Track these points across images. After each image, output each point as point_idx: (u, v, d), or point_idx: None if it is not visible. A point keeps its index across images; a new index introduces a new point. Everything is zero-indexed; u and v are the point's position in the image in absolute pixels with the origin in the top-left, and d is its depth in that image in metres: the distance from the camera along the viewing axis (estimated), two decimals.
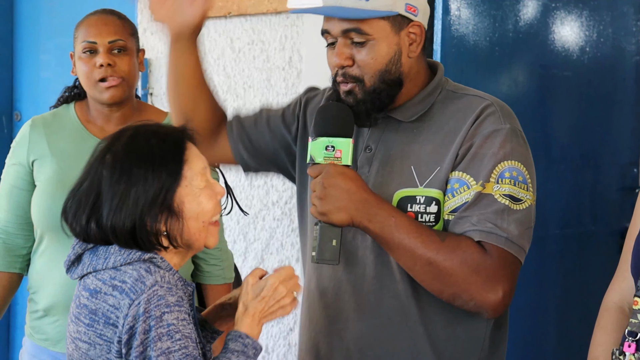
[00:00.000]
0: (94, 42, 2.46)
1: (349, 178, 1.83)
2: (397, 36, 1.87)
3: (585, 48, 3.23)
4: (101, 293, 1.68)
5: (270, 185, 3.43)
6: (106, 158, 1.74)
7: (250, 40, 3.47)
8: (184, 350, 1.64)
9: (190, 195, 1.73)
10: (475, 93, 1.95)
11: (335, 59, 1.88)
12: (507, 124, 1.88)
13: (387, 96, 1.89)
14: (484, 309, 1.85)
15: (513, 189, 1.84)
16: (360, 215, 1.83)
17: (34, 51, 4.23)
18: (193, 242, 1.74)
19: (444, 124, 1.90)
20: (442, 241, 1.82)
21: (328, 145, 1.84)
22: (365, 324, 1.92)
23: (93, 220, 1.71)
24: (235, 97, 3.53)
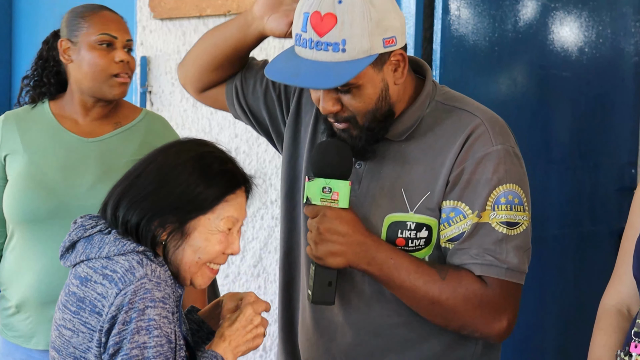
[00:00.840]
0: (115, 37, 2.43)
1: (345, 222, 1.80)
2: (381, 73, 1.79)
3: (584, 48, 3.23)
4: (91, 281, 1.69)
5: (268, 184, 3.43)
6: (170, 150, 1.76)
7: None
8: (159, 348, 1.64)
9: (205, 229, 1.73)
10: (465, 106, 1.89)
11: (323, 106, 1.81)
12: (499, 145, 1.82)
13: (381, 129, 1.85)
14: (490, 338, 1.86)
15: (509, 215, 1.82)
16: (358, 258, 1.81)
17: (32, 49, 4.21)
18: (180, 271, 1.74)
19: (432, 142, 1.86)
20: (443, 279, 1.80)
21: (325, 187, 1.81)
22: (352, 338, 1.91)
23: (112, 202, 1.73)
24: None
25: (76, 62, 2.43)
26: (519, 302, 1.86)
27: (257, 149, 3.46)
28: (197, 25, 3.62)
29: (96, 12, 2.48)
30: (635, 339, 1.67)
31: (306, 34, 1.75)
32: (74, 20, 2.47)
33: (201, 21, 3.61)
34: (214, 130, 3.57)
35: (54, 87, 2.50)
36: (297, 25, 1.78)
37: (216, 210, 1.73)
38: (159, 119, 2.58)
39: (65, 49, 2.45)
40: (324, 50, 1.74)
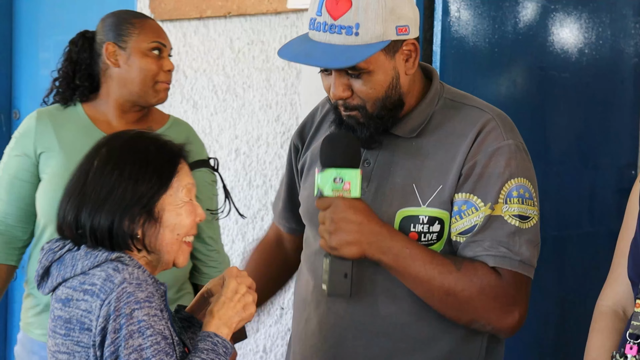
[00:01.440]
0: (165, 45, 2.50)
1: (359, 211, 1.79)
2: (393, 60, 1.82)
3: (584, 50, 3.24)
4: (73, 300, 1.68)
5: (269, 185, 3.43)
6: (101, 151, 1.74)
7: (250, 40, 3.47)
8: (156, 346, 1.64)
9: (172, 205, 1.74)
10: (473, 103, 1.91)
11: (333, 91, 1.83)
12: (510, 140, 1.85)
13: (390, 118, 1.85)
14: (501, 332, 1.86)
15: (521, 208, 1.82)
16: (373, 248, 1.80)
17: (33, 49, 4.23)
18: (164, 253, 1.75)
19: (443, 138, 1.87)
20: (459, 270, 1.80)
21: (336, 177, 1.80)
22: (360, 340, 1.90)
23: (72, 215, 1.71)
24: (235, 97, 3.53)
25: (124, 67, 2.47)
26: (529, 295, 1.86)
27: (257, 150, 3.47)
28: (197, 26, 3.63)
29: (145, 19, 2.54)
30: (630, 341, 1.66)
31: (320, 18, 1.79)
32: (121, 25, 2.50)
33: (201, 22, 3.61)
34: (215, 132, 3.57)
35: (87, 89, 2.52)
36: (312, 10, 1.81)
37: (174, 185, 1.74)
38: (185, 125, 2.64)
39: (112, 53, 2.47)
40: (337, 34, 1.77)
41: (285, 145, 3.39)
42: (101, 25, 2.54)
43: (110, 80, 2.48)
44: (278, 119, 3.41)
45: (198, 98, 3.63)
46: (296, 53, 1.84)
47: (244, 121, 3.50)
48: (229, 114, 3.55)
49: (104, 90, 2.50)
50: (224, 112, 3.56)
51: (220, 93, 3.57)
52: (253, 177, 3.47)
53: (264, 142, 3.45)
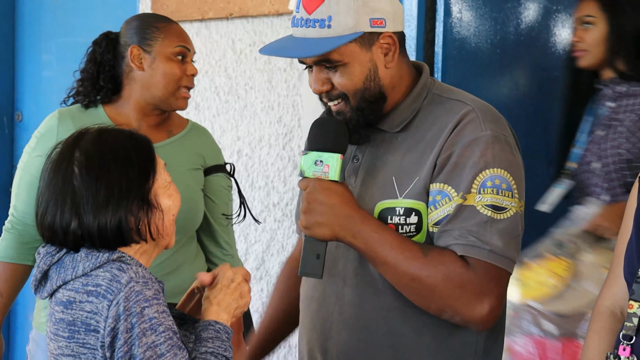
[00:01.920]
0: (189, 50, 2.51)
1: (334, 193, 1.82)
2: (369, 53, 1.84)
3: None
4: (76, 302, 1.67)
5: (271, 186, 3.43)
6: (75, 156, 1.72)
7: (251, 41, 3.47)
8: (169, 341, 1.64)
9: (162, 189, 1.75)
10: (457, 97, 1.90)
11: (314, 86, 1.87)
12: (488, 130, 1.83)
13: (372, 112, 1.87)
14: (470, 323, 1.83)
15: (496, 198, 1.80)
16: (344, 231, 1.81)
17: (35, 51, 4.23)
18: (164, 236, 1.76)
19: (426, 131, 1.87)
20: (425, 256, 1.80)
21: (317, 160, 1.83)
22: (349, 334, 1.91)
23: (75, 221, 1.69)
24: (237, 99, 3.53)
25: (148, 70, 2.47)
26: (504, 288, 1.84)
27: (259, 152, 3.47)
28: (199, 28, 3.63)
29: (170, 23, 2.54)
30: (623, 342, 1.66)
31: (298, 14, 1.86)
32: (147, 29, 2.50)
33: (203, 24, 3.62)
34: (217, 133, 3.57)
35: (110, 90, 2.53)
36: (293, 8, 1.88)
37: (157, 168, 1.75)
38: (204, 130, 2.63)
39: (136, 56, 2.48)
40: (312, 27, 1.83)
41: (287, 146, 3.40)
42: (125, 27, 2.54)
43: (133, 83, 2.48)
44: (280, 120, 3.41)
45: (200, 99, 3.63)
46: (273, 48, 1.91)
47: (246, 122, 3.50)
48: (231, 115, 3.55)
49: (126, 93, 2.50)
50: (226, 114, 3.56)
51: (223, 94, 3.57)
52: (255, 179, 3.47)
53: (266, 144, 3.45)
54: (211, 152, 2.59)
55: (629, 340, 1.65)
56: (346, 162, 1.94)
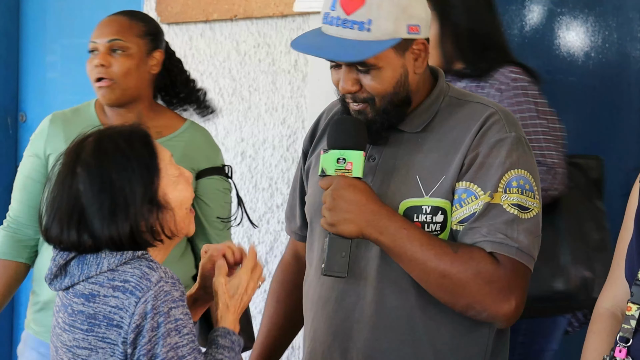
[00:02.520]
0: (95, 42, 2.50)
1: (359, 190, 1.82)
2: (402, 59, 1.86)
3: (590, 54, 3.23)
4: (99, 296, 1.67)
5: (274, 188, 3.43)
6: (77, 171, 1.71)
7: (256, 43, 3.47)
8: (192, 344, 1.65)
9: (170, 185, 1.74)
10: (478, 100, 1.95)
11: (343, 85, 1.86)
12: (512, 132, 1.87)
13: (397, 115, 1.88)
14: (497, 319, 1.85)
15: (521, 198, 1.84)
16: (371, 227, 1.81)
17: (39, 52, 4.24)
18: (179, 230, 1.76)
19: (447, 132, 1.90)
20: (455, 252, 1.81)
21: (339, 158, 1.83)
22: (370, 334, 1.91)
23: (85, 234, 1.69)
24: (241, 100, 3.53)
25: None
26: (527, 285, 1.86)
27: (263, 153, 3.47)
28: (203, 29, 3.63)
29: (103, 19, 2.53)
30: (620, 344, 1.65)
31: (334, 12, 1.83)
32: None
33: (207, 26, 3.62)
34: (220, 134, 3.57)
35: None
36: (326, 4, 1.85)
37: (160, 165, 1.74)
38: (201, 131, 2.60)
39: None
40: (350, 28, 1.81)
41: (291, 148, 3.40)
42: None
43: None
44: (284, 122, 3.41)
45: None
46: (308, 45, 1.89)
47: (250, 124, 3.50)
48: (235, 116, 3.55)
49: None
50: (229, 115, 3.56)
51: (227, 96, 3.57)
52: (259, 180, 3.47)
53: (269, 145, 3.45)
54: (204, 154, 2.56)
55: (625, 343, 1.64)
56: None
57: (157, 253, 1.75)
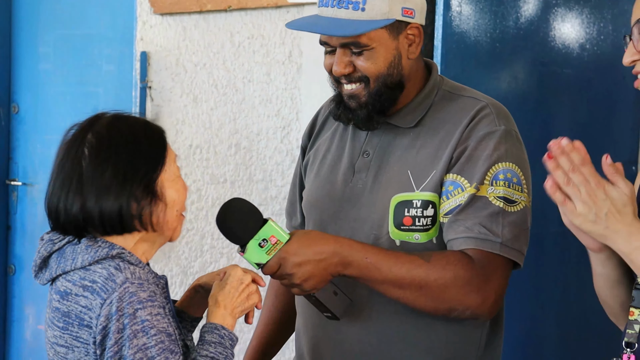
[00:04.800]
0: None
1: (304, 246, 1.80)
2: (396, 41, 1.87)
3: (585, 45, 3.23)
4: (72, 294, 1.66)
5: (269, 180, 3.42)
6: (88, 138, 1.71)
7: (250, 34, 3.46)
8: (160, 345, 1.63)
9: (169, 182, 1.73)
10: (470, 94, 1.95)
11: (336, 68, 1.88)
12: (502, 126, 1.87)
13: (389, 99, 1.89)
14: (479, 314, 1.85)
15: (507, 191, 1.83)
16: (332, 268, 1.80)
17: (32, 43, 4.21)
18: (165, 230, 1.74)
19: (440, 127, 1.90)
20: (428, 262, 1.81)
21: (260, 243, 1.79)
22: (360, 329, 1.92)
23: (77, 203, 1.68)
24: (235, 91, 3.52)
25: None
26: (507, 278, 1.86)
27: (257, 145, 3.46)
28: (197, 20, 3.61)
29: None
30: (626, 350, 1.61)
31: None
32: None
33: (201, 16, 3.60)
34: (214, 126, 3.56)
35: None
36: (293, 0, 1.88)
37: (166, 159, 1.73)
38: None
39: None
40: (345, 8, 1.84)
41: (285, 139, 3.39)
42: None
43: None
44: (278, 113, 3.40)
45: (198, 92, 3.62)
46: (303, 23, 1.92)
47: (244, 115, 3.49)
48: (229, 108, 3.53)
49: None
50: (224, 107, 3.55)
51: (221, 87, 3.56)
52: (253, 172, 3.46)
53: (264, 137, 3.44)
54: None
55: (632, 348, 1.61)
56: (355, 157, 1.95)
57: (140, 246, 1.74)
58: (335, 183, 1.97)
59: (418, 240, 1.87)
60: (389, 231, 1.88)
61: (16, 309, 4.26)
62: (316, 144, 2.07)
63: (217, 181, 3.55)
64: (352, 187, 1.94)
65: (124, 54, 3.83)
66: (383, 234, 1.89)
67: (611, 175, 1.60)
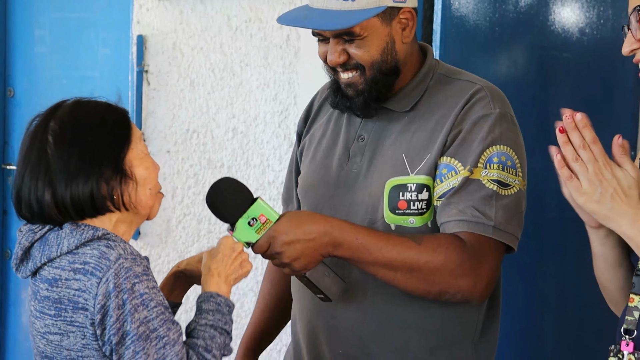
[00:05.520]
0: None
1: (294, 225, 1.78)
2: (389, 27, 1.86)
3: (585, 30, 3.21)
4: (62, 280, 1.65)
5: (266, 164, 3.41)
6: (50, 125, 1.71)
7: (247, 17, 3.44)
8: (162, 316, 1.63)
9: (138, 159, 1.73)
10: (466, 77, 1.94)
11: (330, 58, 1.87)
12: (497, 109, 1.86)
13: (385, 85, 1.88)
14: (471, 298, 1.84)
15: (501, 174, 1.82)
16: (322, 248, 1.79)
17: (28, 26, 4.19)
18: (140, 209, 1.74)
19: (435, 110, 1.89)
20: (420, 244, 1.80)
21: (249, 221, 1.78)
22: (355, 314, 1.91)
23: (48, 192, 1.68)
24: (232, 76, 3.50)
25: None
26: (499, 261, 1.85)
27: (254, 129, 3.44)
28: (194, 4, 3.59)
29: None
30: (625, 337, 1.59)
31: None
32: None
33: (198, 0, 3.58)
34: (212, 110, 3.54)
35: None
36: None
37: (132, 138, 1.74)
38: None
39: None
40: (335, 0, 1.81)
41: (282, 124, 3.37)
42: None
43: None
44: (276, 97, 3.38)
45: (195, 76, 3.60)
46: (294, 17, 1.89)
47: (242, 100, 3.48)
48: (227, 92, 3.52)
49: None
50: (221, 91, 3.53)
51: (218, 71, 3.54)
52: (250, 157, 3.44)
53: (261, 121, 3.42)
54: None
55: (630, 335, 1.59)
56: (350, 141, 1.94)
57: (119, 227, 1.74)
58: (330, 168, 1.96)
59: (413, 224, 1.87)
60: (383, 215, 1.88)
61: (12, 293, 4.25)
62: (312, 130, 2.06)
63: (214, 166, 3.53)
64: (347, 172, 1.93)
65: (120, 37, 3.80)
66: (378, 218, 1.88)
67: (619, 157, 1.58)
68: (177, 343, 1.63)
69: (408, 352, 1.89)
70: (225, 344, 1.70)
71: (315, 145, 2.03)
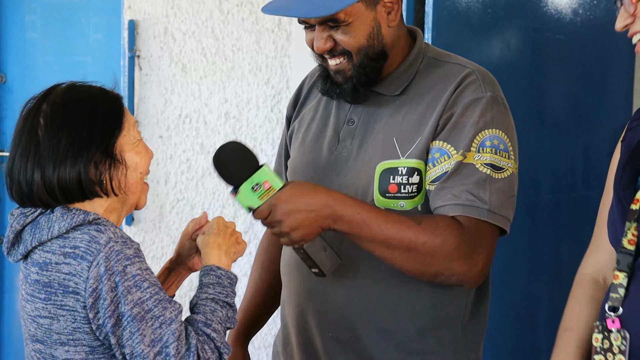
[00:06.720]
0: None
1: (297, 195, 1.78)
2: (373, 12, 1.85)
3: (578, 11, 3.20)
4: (52, 264, 1.65)
5: (259, 149, 3.40)
6: (43, 108, 1.71)
7: (239, 2, 3.42)
8: (156, 296, 1.63)
9: (129, 145, 1.73)
10: (456, 60, 1.93)
11: (317, 44, 1.86)
12: (488, 92, 1.86)
13: (373, 70, 1.88)
14: (465, 281, 1.85)
15: (494, 158, 1.82)
16: (324, 220, 1.78)
17: (19, 11, 4.16)
18: (130, 194, 1.74)
19: (425, 94, 1.89)
20: (419, 225, 1.79)
21: (253, 186, 1.78)
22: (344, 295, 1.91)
23: (37, 173, 1.68)
24: (224, 60, 3.49)
25: None
26: (494, 245, 1.85)
27: (247, 114, 3.43)
28: None
29: None
30: (610, 314, 1.60)
31: None
32: None
33: None
34: (204, 95, 3.53)
35: None
36: None
37: (125, 124, 1.73)
38: None
39: None
40: None
41: (275, 108, 3.36)
42: None
43: None
44: (268, 82, 3.37)
45: (187, 61, 3.59)
46: (277, 7, 1.87)
47: (234, 84, 3.46)
48: (219, 77, 3.50)
49: None
50: (213, 75, 3.52)
51: (210, 56, 3.52)
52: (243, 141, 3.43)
53: (254, 106, 3.41)
54: None
55: (615, 312, 1.60)
56: (340, 125, 1.94)
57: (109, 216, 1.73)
58: (320, 151, 1.96)
59: (403, 208, 1.87)
60: (373, 198, 1.88)
61: (7, 280, 4.25)
62: (301, 113, 2.05)
63: (207, 151, 3.53)
64: (337, 155, 1.93)
65: (111, 22, 3.79)
66: (367, 202, 1.88)
67: None
68: (175, 322, 1.62)
69: (397, 334, 1.89)
70: (228, 317, 1.70)
71: (304, 128, 2.02)
